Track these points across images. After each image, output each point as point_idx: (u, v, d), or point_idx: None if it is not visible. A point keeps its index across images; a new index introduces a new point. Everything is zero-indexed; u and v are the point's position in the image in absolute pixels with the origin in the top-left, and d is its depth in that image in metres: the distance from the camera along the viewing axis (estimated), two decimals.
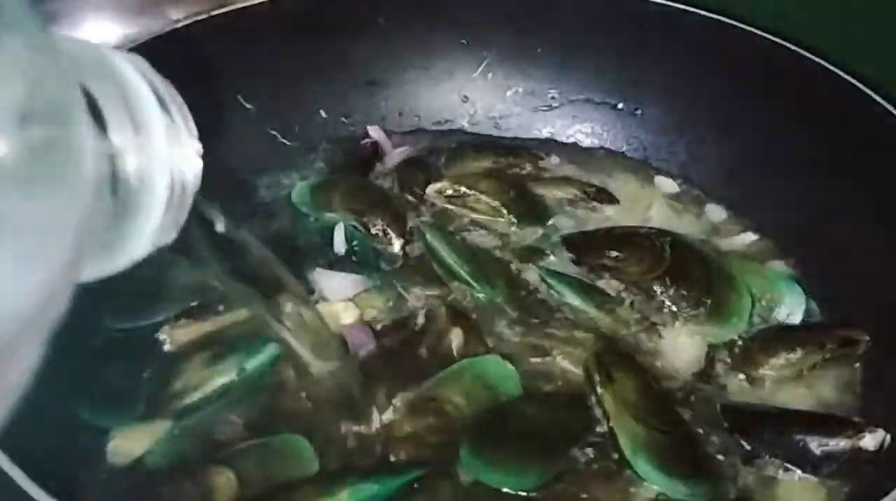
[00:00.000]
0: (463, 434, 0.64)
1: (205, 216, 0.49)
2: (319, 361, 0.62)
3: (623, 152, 0.94)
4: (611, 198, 0.87)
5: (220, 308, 0.73)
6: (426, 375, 0.69)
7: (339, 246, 0.79)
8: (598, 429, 0.66)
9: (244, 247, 0.53)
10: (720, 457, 0.65)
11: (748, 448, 0.65)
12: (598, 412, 0.67)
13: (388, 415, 0.65)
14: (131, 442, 0.64)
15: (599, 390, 0.67)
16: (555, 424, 0.66)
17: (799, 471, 0.64)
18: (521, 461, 0.63)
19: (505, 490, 0.62)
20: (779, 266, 0.80)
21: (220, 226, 0.51)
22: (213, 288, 0.75)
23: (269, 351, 0.70)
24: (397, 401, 0.66)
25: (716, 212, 0.87)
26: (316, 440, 0.64)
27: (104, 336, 0.72)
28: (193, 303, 0.74)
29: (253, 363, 0.70)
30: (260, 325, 0.70)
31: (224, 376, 0.69)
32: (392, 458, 0.63)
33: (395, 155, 0.91)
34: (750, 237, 0.84)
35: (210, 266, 0.51)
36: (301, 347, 0.60)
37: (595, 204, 0.86)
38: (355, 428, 0.65)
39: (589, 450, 0.65)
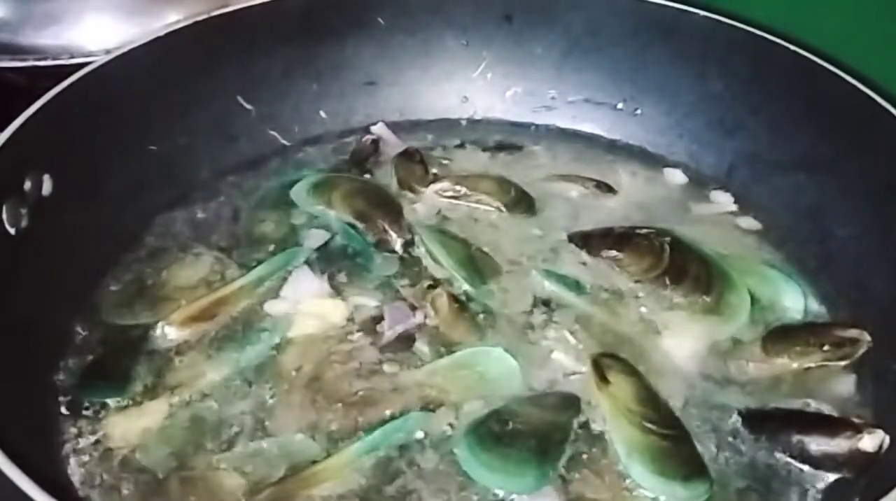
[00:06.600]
0: (461, 435, 0.65)
1: None
2: None
3: (623, 152, 0.94)
4: (610, 189, 0.88)
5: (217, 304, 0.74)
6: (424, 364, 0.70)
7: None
8: (596, 431, 0.66)
9: None
10: (720, 458, 0.65)
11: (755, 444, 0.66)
12: (595, 414, 0.67)
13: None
14: (127, 427, 0.65)
15: (595, 393, 0.67)
16: (553, 426, 0.66)
17: (807, 466, 0.64)
18: (520, 463, 0.63)
19: (504, 492, 0.62)
20: (778, 264, 0.80)
21: None
22: (211, 285, 0.76)
23: (265, 344, 0.71)
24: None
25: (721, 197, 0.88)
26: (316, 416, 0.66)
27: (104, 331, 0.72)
28: (191, 300, 0.74)
29: (249, 357, 0.70)
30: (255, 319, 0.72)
31: (219, 370, 0.69)
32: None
33: (395, 154, 0.91)
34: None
35: None
36: None
37: (596, 193, 0.87)
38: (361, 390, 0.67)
39: (587, 453, 0.65)
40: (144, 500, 0.61)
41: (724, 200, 0.88)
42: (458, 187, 0.86)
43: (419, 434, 0.65)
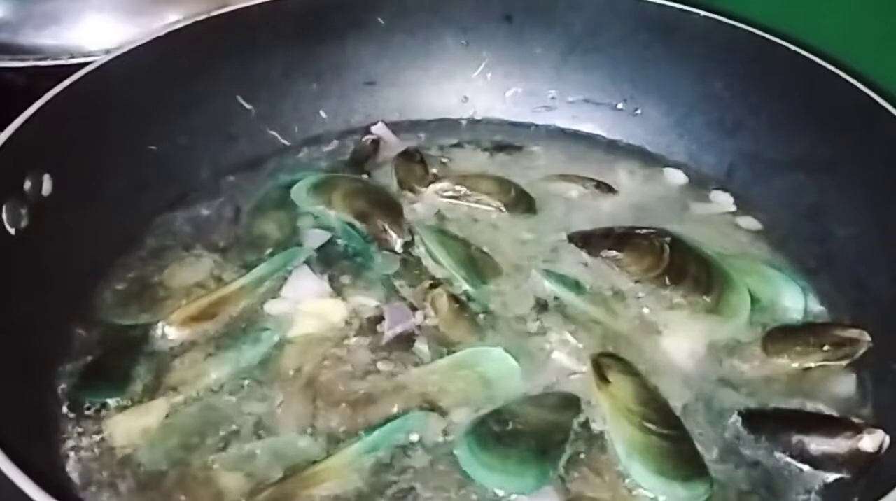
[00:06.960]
0: (461, 435, 0.65)
1: None
2: None
3: (622, 152, 0.94)
4: (610, 189, 0.88)
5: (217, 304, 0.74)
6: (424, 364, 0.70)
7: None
8: (596, 431, 0.66)
9: None
10: (720, 458, 0.65)
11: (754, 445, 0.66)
12: (595, 414, 0.67)
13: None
14: (128, 427, 0.65)
15: (595, 393, 0.67)
16: (553, 425, 0.66)
17: (807, 466, 0.64)
18: (520, 463, 0.63)
19: (504, 492, 0.62)
20: (778, 264, 0.80)
21: None
22: (211, 285, 0.76)
23: (266, 344, 0.71)
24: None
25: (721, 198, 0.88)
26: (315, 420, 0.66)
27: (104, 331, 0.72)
28: (191, 300, 0.74)
29: (249, 357, 0.70)
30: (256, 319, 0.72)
31: (220, 370, 0.69)
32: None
33: (395, 154, 0.91)
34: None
35: None
36: None
37: (596, 193, 0.87)
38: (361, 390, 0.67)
39: (587, 453, 0.65)
40: (144, 499, 0.61)
41: (724, 200, 0.88)
42: (457, 187, 0.86)
43: (419, 435, 0.65)
